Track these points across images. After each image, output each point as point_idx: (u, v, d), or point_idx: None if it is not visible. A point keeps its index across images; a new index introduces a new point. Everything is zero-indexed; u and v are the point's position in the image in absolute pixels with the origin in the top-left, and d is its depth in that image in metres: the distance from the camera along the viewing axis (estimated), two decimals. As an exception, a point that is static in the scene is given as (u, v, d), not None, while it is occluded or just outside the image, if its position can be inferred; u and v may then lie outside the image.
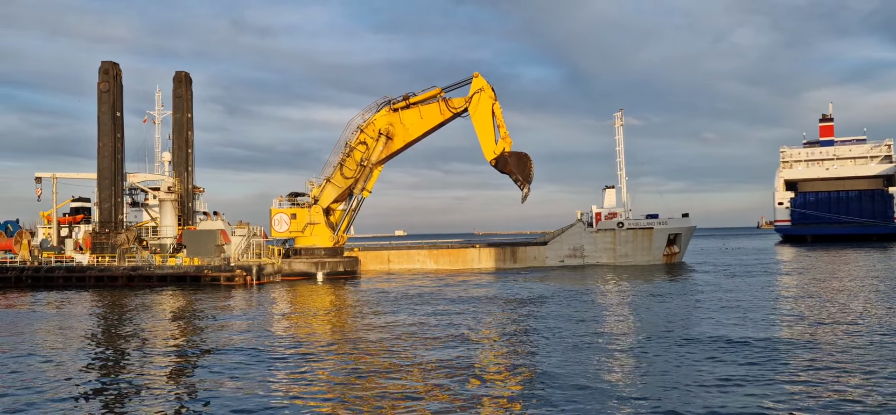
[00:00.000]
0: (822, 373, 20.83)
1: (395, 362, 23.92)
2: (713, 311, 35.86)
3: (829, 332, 28.36)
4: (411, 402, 18.51)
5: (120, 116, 67.77)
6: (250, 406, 18.46)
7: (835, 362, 22.23)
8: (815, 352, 24.08)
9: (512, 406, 18.10)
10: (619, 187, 79.94)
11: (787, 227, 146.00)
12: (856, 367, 21.47)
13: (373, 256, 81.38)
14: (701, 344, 26.04)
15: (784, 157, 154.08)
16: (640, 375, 21.25)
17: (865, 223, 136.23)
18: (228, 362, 24.57)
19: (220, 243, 63.11)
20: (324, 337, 30.74)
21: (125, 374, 23.33)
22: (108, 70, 67.00)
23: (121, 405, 19.19)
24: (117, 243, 64.65)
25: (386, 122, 67.20)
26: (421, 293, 49.20)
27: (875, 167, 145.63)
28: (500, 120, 65.56)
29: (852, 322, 30.66)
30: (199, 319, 37.37)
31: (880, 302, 37.76)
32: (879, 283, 48.86)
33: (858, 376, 20.22)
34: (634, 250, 77.09)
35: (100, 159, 66.61)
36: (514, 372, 22.25)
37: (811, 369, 21.33)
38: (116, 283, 59.78)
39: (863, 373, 20.65)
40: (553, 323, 32.67)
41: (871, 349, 24.22)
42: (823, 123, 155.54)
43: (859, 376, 20.32)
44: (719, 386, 19.47)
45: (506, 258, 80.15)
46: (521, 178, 65.39)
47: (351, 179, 68.02)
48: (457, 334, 30.05)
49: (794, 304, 38.60)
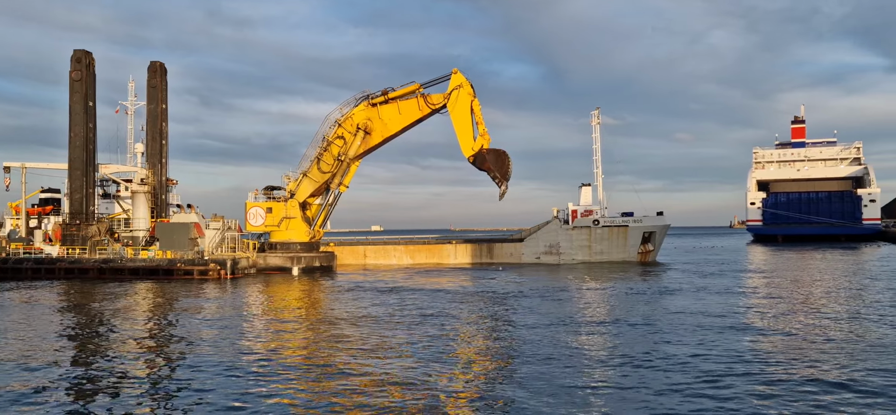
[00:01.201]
0: (787, 367, 21.19)
1: (368, 359, 23.83)
2: (685, 308, 36.26)
3: (795, 330, 28.83)
4: (382, 398, 18.46)
5: (92, 106, 66.65)
6: (219, 403, 18.26)
7: (802, 357, 22.62)
8: (781, 348, 24.48)
9: (484, 403, 18.12)
10: (595, 185, 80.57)
11: (758, 227, 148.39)
12: (824, 360, 21.87)
13: (349, 252, 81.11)
14: (672, 344, 26.31)
15: (757, 158, 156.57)
16: (609, 373, 21.43)
17: (834, 224, 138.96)
18: (199, 358, 24.29)
19: (194, 236, 62.41)
20: (297, 332, 30.55)
21: (92, 368, 22.94)
22: (81, 58, 65.84)
23: (86, 401, 18.88)
24: (88, 235, 63.62)
25: (364, 116, 66.92)
26: (396, 289, 49.15)
27: (844, 169, 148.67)
28: (479, 117, 65.64)
29: (819, 320, 31.21)
30: (170, 312, 36.93)
31: (847, 301, 38.50)
32: (845, 281, 49.83)
33: (818, 368, 20.61)
34: (610, 248, 77.73)
35: (71, 149, 65.43)
36: (486, 369, 22.30)
37: (778, 365, 21.68)
38: (87, 275, 58.90)
39: (823, 363, 21.07)
40: (526, 319, 32.80)
41: (838, 344, 24.69)
42: (795, 125, 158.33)
43: (824, 366, 20.72)
44: (689, 386, 19.70)
45: (482, 255, 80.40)
46: (498, 175, 65.55)
47: (328, 173, 67.66)
48: (429, 329, 30.04)
49: (762, 302, 39.19)
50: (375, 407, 17.51)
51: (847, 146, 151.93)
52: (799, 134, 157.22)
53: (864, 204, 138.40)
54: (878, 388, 18.80)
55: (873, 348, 24.50)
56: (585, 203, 79.93)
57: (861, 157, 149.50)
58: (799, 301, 39.06)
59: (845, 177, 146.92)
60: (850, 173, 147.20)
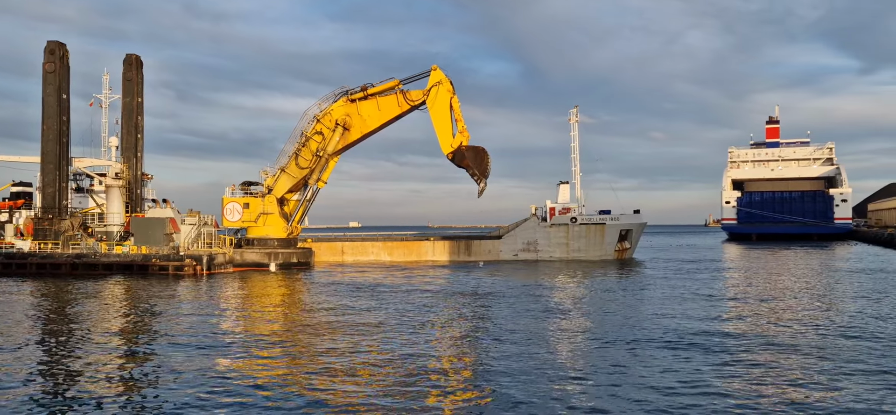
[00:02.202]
0: (757, 363, 21.57)
1: (344, 355, 23.81)
2: (660, 305, 36.66)
3: (767, 325, 29.30)
4: (357, 395, 18.47)
5: (66, 99, 65.67)
6: (194, 401, 18.14)
7: (775, 352, 23.03)
8: (753, 343, 24.89)
9: (461, 401, 18.21)
10: (573, 183, 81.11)
11: (733, 225, 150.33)
12: (795, 354, 22.31)
13: (327, 248, 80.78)
14: (647, 341, 26.60)
15: (732, 157, 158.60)
16: (586, 370, 21.62)
17: (807, 223, 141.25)
18: (172, 354, 24.09)
19: (170, 232, 61.76)
20: (273, 328, 30.40)
21: (63, 366, 22.65)
22: (55, 50, 64.85)
23: (56, 399, 18.64)
24: (61, 230, 62.69)
25: (343, 112, 66.66)
26: (374, 285, 49.08)
27: (817, 169, 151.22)
28: (458, 114, 65.68)
29: (791, 316, 31.75)
30: (144, 309, 36.53)
31: (818, 297, 39.19)
32: (816, 279, 50.70)
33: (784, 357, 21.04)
34: (587, 246, 78.31)
35: (44, 142, 64.40)
36: (464, 366, 22.38)
37: (746, 359, 22.06)
38: (59, 271, 58.02)
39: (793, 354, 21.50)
40: (503, 315, 32.95)
41: (809, 339, 25.17)
42: (770, 126, 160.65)
43: (792, 357, 21.15)
44: (663, 380, 19.95)
45: (460, 252, 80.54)
46: (477, 172, 65.67)
47: (306, 169, 67.31)
48: (407, 326, 30.08)
49: (736, 299, 39.74)
50: (351, 406, 17.50)
51: (820, 147, 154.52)
52: (773, 134, 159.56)
53: (836, 204, 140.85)
54: (845, 365, 19.23)
55: (838, 333, 25.03)
56: (563, 201, 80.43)
57: (833, 157, 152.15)
58: (771, 296, 39.67)
59: (818, 177, 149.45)
60: (822, 173, 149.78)
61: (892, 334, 27.26)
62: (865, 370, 20.85)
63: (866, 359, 22.46)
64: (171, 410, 17.26)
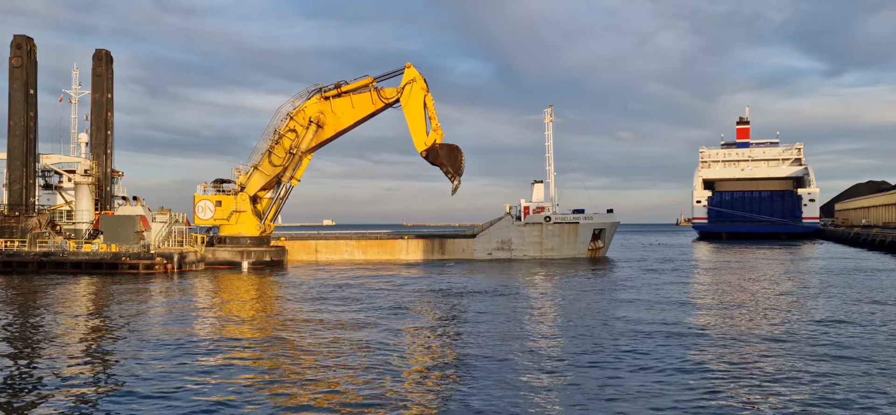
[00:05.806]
0: (731, 360, 22.04)
1: (316, 355, 23.81)
2: (633, 304, 37.16)
3: (736, 321, 29.89)
4: (329, 396, 18.51)
5: (33, 94, 64.54)
6: (163, 404, 18.03)
7: (744, 349, 23.55)
8: (722, 340, 25.39)
9: (432, 400, 18.34)
10: (547, 182, 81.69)
11: (704, 224, 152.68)
12: (762, 350, 22.83)
13: (300, 246, 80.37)
14: (622, 337, 26.98)
15: (703, 157, 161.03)
16: (561, 374, 21.89)
17: (776, 222, 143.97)
18: (141, 354, 23.86)
19: (140, 230, 60.98)
20: (245, 328, 30.25)
21: (26, 369, 22.33)
22: (22, 44, 63.70)
23: (17, 402, 18.39)
24: (28, 227, 61.59)
25: (317, 110, 66.37)
26: (348, 284, 49.01)
27: (786, 169, 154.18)
28: (432, 111, 65.76)
29: (759, 311, 32.42)
30: (112, 307, 36.08)
31: (786, 295, 40.05)
32: (782, 276, 51.81)
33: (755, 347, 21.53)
34: (560, 244, 78.93)
35: (10, 138, 63.27)
36: (436, 366, 22.51)
37: (722, 357, 22.52)
38: (26, 269, 57.03)
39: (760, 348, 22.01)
40: (478, 315, 33.16)
41: (780, 335, 25.76)
42: (740, 126, 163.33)
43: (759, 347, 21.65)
44: (638, 376, 20.29)
45: (434, 250, 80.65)
46: (451, 170, 65.83)
47: (279, 166, 66.90)
48: (380, 326, 30.12)
49: (705, 296, 40.43)
50: (322, 406, 17.53)
51: (789, 147, 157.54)
52: (744, 134, 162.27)
53: (804, 203, 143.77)
54: (806, 354, 19.74)
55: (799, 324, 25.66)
56: (537, 200, 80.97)
57: (802, 158, 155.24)
58: (739, 292, 40.42)
59: (787, 177, 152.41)
60: (791, 173, 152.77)
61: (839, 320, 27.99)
62: (828, 356, 21.40)
63: (824, 347, 23.03)
64: (139, 411, 17.12)
